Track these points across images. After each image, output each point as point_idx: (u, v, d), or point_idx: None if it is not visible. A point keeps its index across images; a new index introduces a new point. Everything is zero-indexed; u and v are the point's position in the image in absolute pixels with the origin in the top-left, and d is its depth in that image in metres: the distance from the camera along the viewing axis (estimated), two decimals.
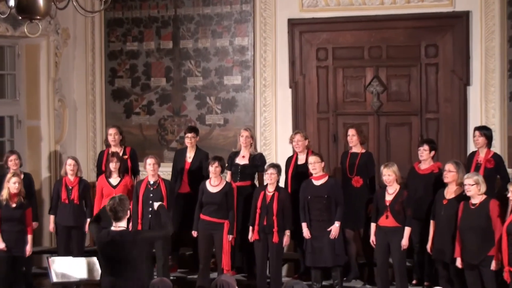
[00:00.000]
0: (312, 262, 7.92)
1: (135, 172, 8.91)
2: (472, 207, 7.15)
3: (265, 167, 8.14)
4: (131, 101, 9.92)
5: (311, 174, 7.99)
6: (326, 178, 7.91)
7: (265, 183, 8.12)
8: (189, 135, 8.71)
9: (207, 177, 8.22)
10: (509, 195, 6.92)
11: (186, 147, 8.79)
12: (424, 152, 7.97)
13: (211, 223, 8.03)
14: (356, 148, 8.32)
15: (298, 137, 8.28)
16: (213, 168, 8.06)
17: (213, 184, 8.10)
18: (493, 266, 6.99)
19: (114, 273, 5.72)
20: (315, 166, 7.87)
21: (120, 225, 5.83)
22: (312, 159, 7.92)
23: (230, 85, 9.57)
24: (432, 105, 8.91)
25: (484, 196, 7.13)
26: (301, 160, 8.31)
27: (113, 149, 8.78)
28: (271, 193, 7.93)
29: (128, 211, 5.91)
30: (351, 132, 8.30)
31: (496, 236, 6.96)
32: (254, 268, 8.19)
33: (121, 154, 8.72)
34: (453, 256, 7.34)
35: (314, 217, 7.83)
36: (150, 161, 8.19)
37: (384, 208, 7.64)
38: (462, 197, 7.33)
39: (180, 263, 8.90)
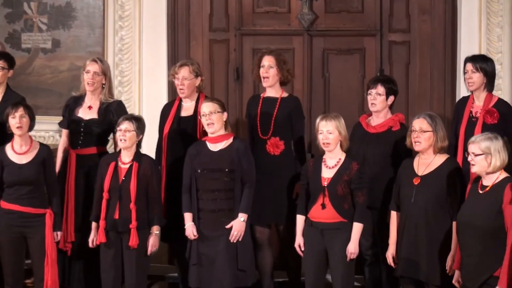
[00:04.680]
0: (197, 281, 7.47)
1: None
2: (481, 191, 6.80)
3: (118, 121, 7.75)
4: None
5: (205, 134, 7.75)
6: (230, 141, 7.60)
7: (118, 149, 7.77)
8: None
9: (10, 138, 7.75)
10: None
11: None
12: (377, 98, 7.64)
13: (21, 216, 7.65)
14: (274, 91, 7.96)
15: (184, 72, 7.90)
16: (16, 120, 7.61)
17: (19, 151, 7.71)
18: None
19: None
20: (211, 119, 7.52)
21: None
22: (207, 107, 7.56)
23: None
24: (400, 19, 8.89)
25: (502, 175, 6.79)
26: (187, 109, 7.96)
27: None
28: (127, 165, 7.57)
29: None
30: (268, 61, 7.91)
31: (509, 242, 6.53)
32: None
33: None
34: (432, 272, 7.09)
35: (206, 205, 7.56)
36: None
37: (319, 190, 7.26)
38: (446, 169, 7.11)
39: None
